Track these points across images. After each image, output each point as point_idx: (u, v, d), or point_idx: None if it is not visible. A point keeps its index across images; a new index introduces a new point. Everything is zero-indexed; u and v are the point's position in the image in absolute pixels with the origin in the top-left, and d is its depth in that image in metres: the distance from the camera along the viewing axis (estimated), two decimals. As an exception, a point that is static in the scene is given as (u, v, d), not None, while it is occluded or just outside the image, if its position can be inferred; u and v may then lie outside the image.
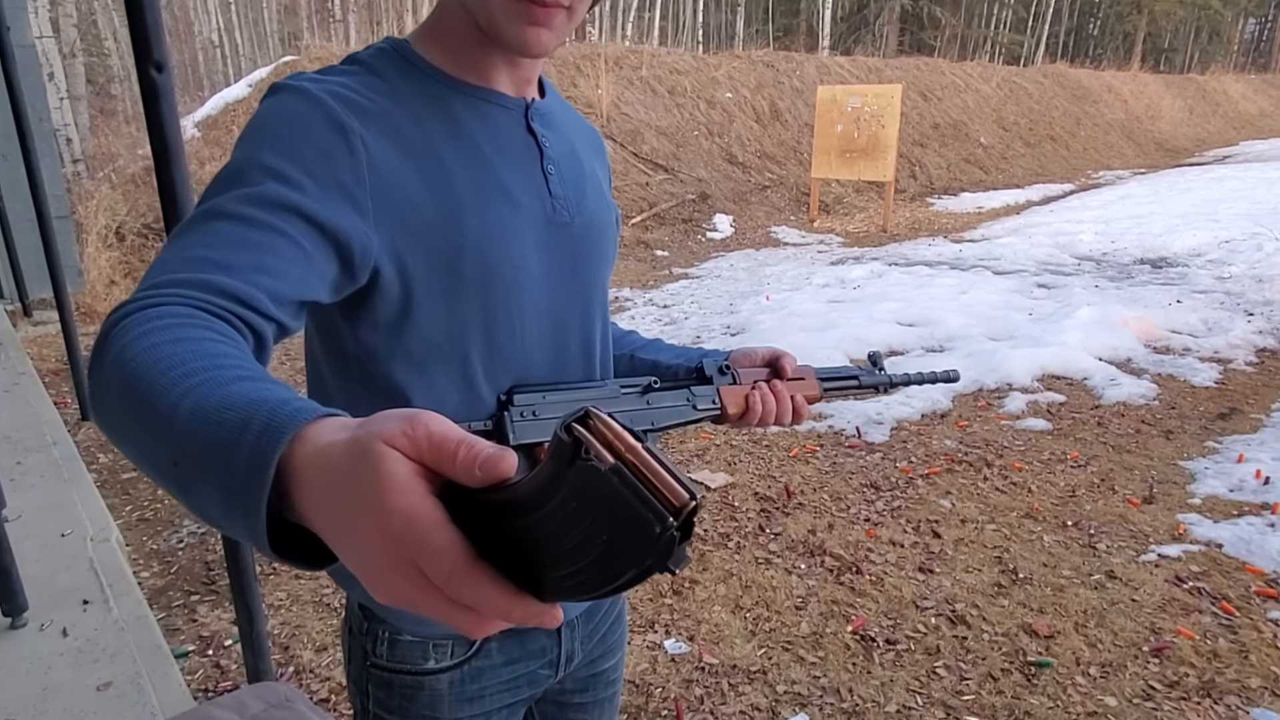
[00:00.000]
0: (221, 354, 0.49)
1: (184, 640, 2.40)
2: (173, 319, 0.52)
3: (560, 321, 0.84)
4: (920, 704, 2.12)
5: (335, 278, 0.68)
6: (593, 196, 0.87)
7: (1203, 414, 4.12)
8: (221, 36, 21.46)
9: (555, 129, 0.85)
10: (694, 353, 1.02)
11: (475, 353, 0.78)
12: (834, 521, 3.08)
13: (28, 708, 1.89)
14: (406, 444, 0.36)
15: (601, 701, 1.04)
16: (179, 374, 0.46)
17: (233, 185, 0.65)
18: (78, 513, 2.80)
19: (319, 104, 0.69)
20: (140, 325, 0.51)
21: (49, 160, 5.47)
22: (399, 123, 0.73)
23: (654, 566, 0.35)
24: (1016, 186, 13.85)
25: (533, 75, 0.83)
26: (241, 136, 0.69)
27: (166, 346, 0.48)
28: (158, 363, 0.47)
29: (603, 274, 0.90)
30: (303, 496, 0.39)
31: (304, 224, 0.65)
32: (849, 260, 8.17)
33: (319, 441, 0.39)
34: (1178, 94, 24.47)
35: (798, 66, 14.48)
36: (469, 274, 0.75)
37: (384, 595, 0.37)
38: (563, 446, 0.35)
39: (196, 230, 0.62)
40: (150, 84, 1.42)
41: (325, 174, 0.67)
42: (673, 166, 10.83)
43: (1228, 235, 8.28)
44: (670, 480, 0.34)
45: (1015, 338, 5.20)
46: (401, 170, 0.72)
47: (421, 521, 0.35)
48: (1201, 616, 2.44)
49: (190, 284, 0.56)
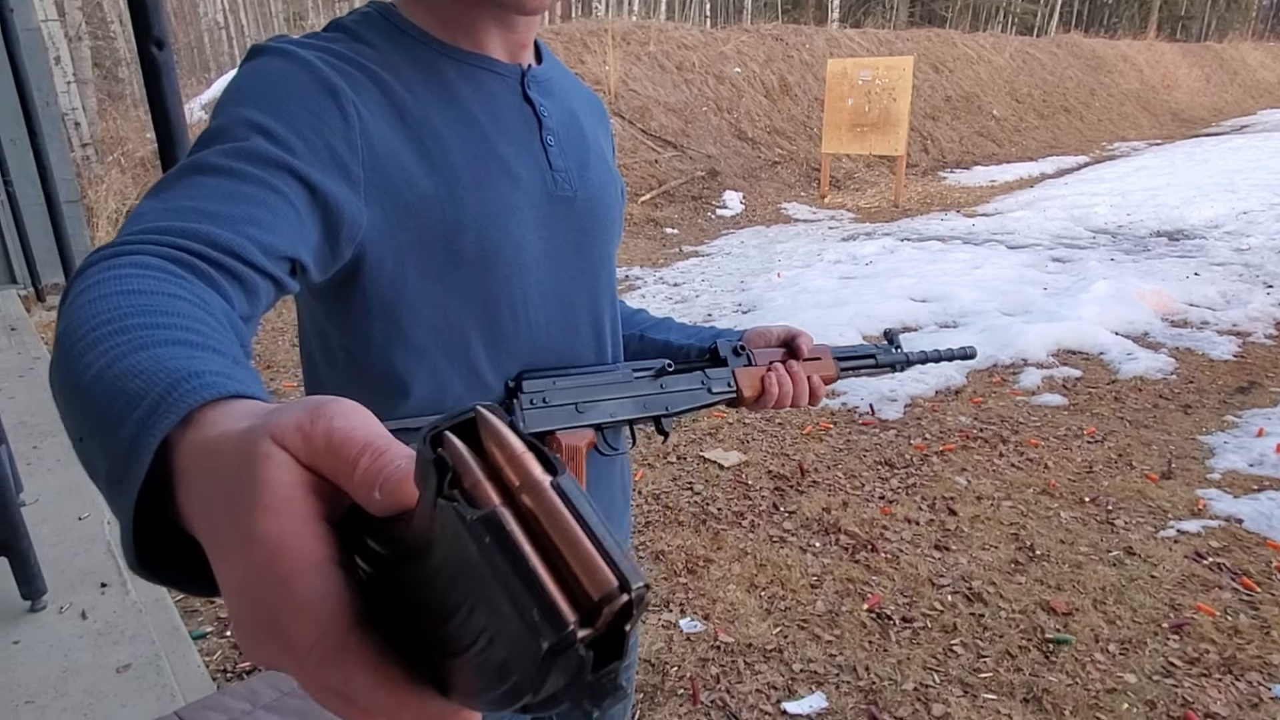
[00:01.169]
0: (171, 310, 0.41)
1: (201, 622, 2.41)
2: (135, 269, 0.44)
3: (567, 303, 0.80)
4: (937, 682, 2.11)
5: (318, 246, 0.62)
6: (596, 168, 0.83)
7: (1221, 388, 4.07)
8: (226, 18, 21.36)
9: (554, 97, 0.81)
10: (706, 332, 0.99)
11: (477, 337, 0.74)
12: (848, 499, 3.07)
13: (48, 689, 1.90)
14: (300, 444, 0.27)
15: None
16: (110, 330, 0.38)
17: (216, 141, 0.58)
18: (94, 497, 2.81)
19: (308, 65, 0.64)
20: (100, 274, 0.44)
21: (57, 145, 5.45)
22: (391, 90, 0.68)
23: (563, 697, 0.21)
24: (1030, 159, 13.67)
25: (528, 39, 0.78)
26: (222, 99, 0.63)
27: (113, 299, 0.41)
28: (95, 315, 0.40)
29: (609, 250, 0.86)
30: (183, 499, 0.31)
31: (295, 181, 0.59)
32: (860, 236, 8.09)
33: (212, 430, 0.31)
34: (1194, 62, 24.04)
35: (807, 40, 14.29)
36: (467, 253, 0.71)
37: (246, 650, 0.27)
38: (425, 467, 0.23)
39: (179, 183, 0.55)
40: (151, 61, 1.40)
41: (315, 136, 0.62)
42: (681, 143, 10.73)
43: (1246, 206, 8.15)
44: (587, 550, 0.20)
45: (1030, 312, 5.14)
46: (395, 140, 0.67)
47: (289, 557, 0.25)
48: (1222, 592, 2.42)
49: (172, 231, 0.49)
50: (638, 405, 0.84)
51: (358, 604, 0.25)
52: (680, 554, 2.71)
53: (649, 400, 0.85)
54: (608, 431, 0.84)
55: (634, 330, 1.01)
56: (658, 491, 3.15)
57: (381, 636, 0.25)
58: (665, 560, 2.68)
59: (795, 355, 0.97)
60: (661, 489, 3.17)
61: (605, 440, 0.83)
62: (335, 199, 0.62)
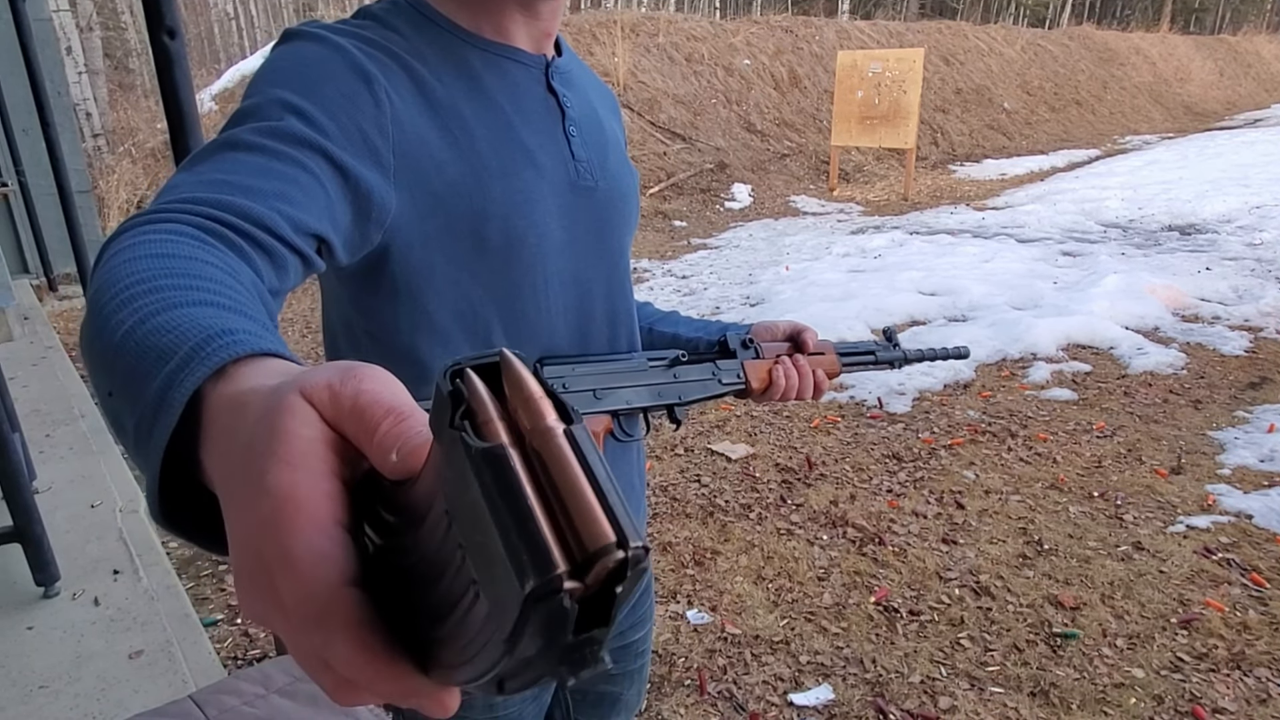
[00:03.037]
0: (202, 274, 0.42)
1: (213, 609, 2.43)
2: (168, 234, 0.45)
3: (585, 290, 0.82)
4: (944, 675, 2.11)
5: (348, 228, 0.63)
6: (614, 159, 0.85)
7: (1232, 383, 4.05)
8: (236, 8, 21.37)
9: (575, 88, 0.83)
10: (714, 325, 1.01)
11: (498, 322, 0.76)
12: (856, 492, 3.07)
13: (61, 675, 1.92)
14: (327, 401, 0.27)
15: (630, 673, 1.04)
16: (141, 289, 0.39)
17: (250, 119, 0.59)
18: (106, 484, 2.84)
19: (341, 50, 0.65)
20: (134, 238, 0.45)
21: (69, 135, 5.48)
22: (421, 78, 0.69)
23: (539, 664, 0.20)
24: (1041, 152, 13.57)
25: (551, 29, 0.79)
26: (254, 80, 0.64)
27: (146, 261, 0.42)
28: (128, 275, 0.41)
29: (626, 240, 0.88)
30: (206, 451, 0.30)
31: (326, 163, 0.60)
32: (869, 229, 8.06)
33: (243, 385, 0.31)
34: (1208, 55, 23.81)
35: (817, 31, 14.21)
36: (492, 240, 0.72)
37: (241, 604, 0.27)
38: (441, 404, 0.22)
39: (212, 158, 0.56)
40: (163, 50, 1.40)
41: (349, 120, 0.63)
42: (690, 135, 10.70)
43: (1259, 201, 8.08)
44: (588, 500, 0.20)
45: (1040, 306, 5.11)
46: (425, 128, 0.68)
47: (294, 511, 0.25)
48: (1231, 588, 2.41)
49: (204, 202, 0.50)
50: (653, 394, 0.86)
51: (354, 571, 0.25)
52: (688, 546, 2.72)
53: (663, 389, 0.87)
54: (624, 418, 0.85)
55: (643, 324, 1.03)
56: (665, 483, 3.16)
57: (373, 609, 0.25)
58: (673, 552, 2.69)
59: (801, 349, 0.99)
60: (669, 481, 3.18)
61: (621, 427, 0.85)
62: (366, 182, 0.63)
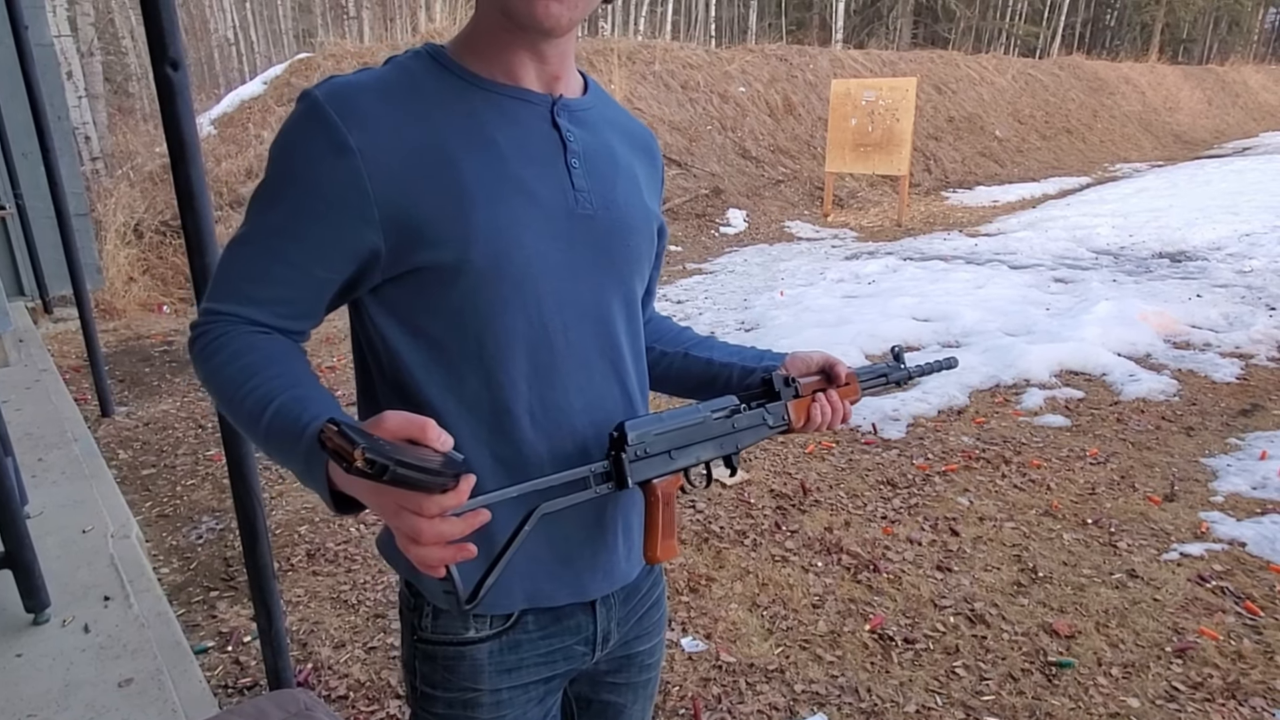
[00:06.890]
0: (272, 362, 0.77)
1: (203, 636, 2.41)
2: (234, 341, 0.78)
3: (582, 311, 0.85)
4: (940, 704, 2.10)
5: (353, 282, 0.81)
6: (625, 193, 0.89)
7: (1224, 410, 4.07)
8: (237, 34, 21.55)
9: (588, 126, 0.87)
10: (749, 353, 1.06)
11: (490, 338, 0.80)
12: (851, 519, 3.06)
13: (50, 703, 1.90)
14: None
15: (635, 685, 1.04)
16: (256, 382, 0.75)
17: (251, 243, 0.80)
18: (98, 509, 2.82)
19: (323, 125, 0.75)
20: (213, 344, 0.79)
21: (68, 158, 5.50)
22: (400, 124, 0.77)
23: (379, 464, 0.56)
24: (1032, 180, 13.72)
25: (561, 72, 0.85)
26: (258, 187, 0.80)
27: (236, 362, 0.77)
28: (236, 374, 0.76)
29: (631, 269, 0.90)
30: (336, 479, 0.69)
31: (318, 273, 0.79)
32: (863, 255, 8.12)
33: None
34: (1196, 85, 24.16)
35: (811, 60, 14.40)
36: (476, 262, 0.78)
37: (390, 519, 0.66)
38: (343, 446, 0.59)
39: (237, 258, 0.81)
40: (166, 81, 1.42)
41: (333, 208, 0.76)
42: (686, 161, 10.79)
43: (1248, 228, 8.17)
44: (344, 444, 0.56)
45: (1032, 333, 5.15)
46: (402, 168, 0.76)
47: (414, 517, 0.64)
48: (1225, 616, 2.41)
49: (235, 316, 0.79)
50: (716, 446, 0.92)
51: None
52: (682, 572, 2.71)
53: (724, 440, 0.92)
54: (690, 471, 0.91)
55: (679, 348, 1.07)
56: (660, 509, 3.15)
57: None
58: (667, 578, 2.68)
59: (833, 382, 1.03)
60: (664, 507, 3.17)
61: (688, 478, 0.91)
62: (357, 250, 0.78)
